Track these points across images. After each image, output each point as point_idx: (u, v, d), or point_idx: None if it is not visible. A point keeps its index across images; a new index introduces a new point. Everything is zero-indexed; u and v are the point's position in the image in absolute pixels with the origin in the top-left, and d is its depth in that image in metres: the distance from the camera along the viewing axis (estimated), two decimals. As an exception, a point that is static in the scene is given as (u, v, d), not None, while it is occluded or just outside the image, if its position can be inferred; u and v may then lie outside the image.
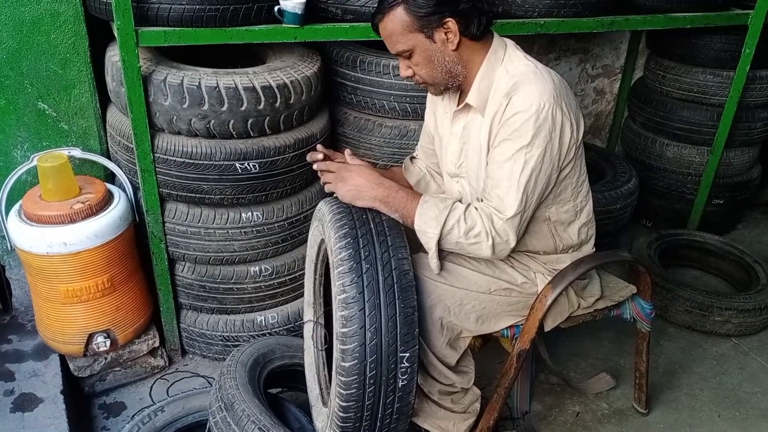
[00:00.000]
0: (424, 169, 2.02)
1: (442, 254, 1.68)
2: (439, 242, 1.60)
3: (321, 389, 1.85)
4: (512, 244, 1.61)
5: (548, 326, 1.84)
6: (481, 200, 1.64)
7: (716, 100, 3.06)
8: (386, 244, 1.53)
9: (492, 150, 1.61)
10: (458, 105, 1.74)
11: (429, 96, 1.90)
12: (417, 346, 1.51)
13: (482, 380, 1.94)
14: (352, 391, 1.47)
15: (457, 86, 1.68)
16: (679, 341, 2.65)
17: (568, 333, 1.99)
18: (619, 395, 2.34)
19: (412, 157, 2.06)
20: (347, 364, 1.46)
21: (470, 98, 1.65)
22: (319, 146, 1.83)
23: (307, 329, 1.95)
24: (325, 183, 1.74)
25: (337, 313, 1.48)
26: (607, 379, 2.34)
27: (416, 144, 2.22)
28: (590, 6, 2.43)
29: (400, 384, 1.51)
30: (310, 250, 1.90)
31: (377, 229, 1.56)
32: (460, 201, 1.66)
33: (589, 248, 1.87)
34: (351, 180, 1.66)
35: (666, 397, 2.35)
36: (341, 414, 1.52)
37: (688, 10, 2.72)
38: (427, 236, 1.60)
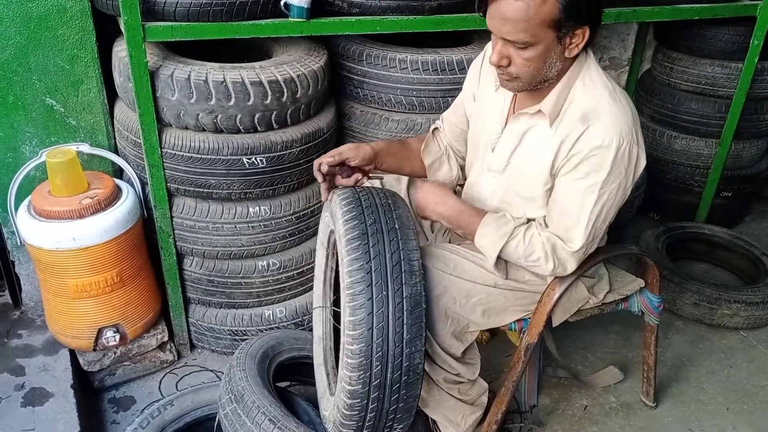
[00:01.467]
0: (443, 148, 1.97)
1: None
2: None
3: (328, 379, 1.86)
4: (570, 271, 1.66)
5: (557, 320, 1.84)
6: (546, 224, 1.65)
7: (724, 92, 3.04)
8: (395, 234, 1.54)
9: (562, 176, 1.58)
10: (515, 104, 1.70)
11: (472, 75, 1.86)
12: (424, 331, 1.52)
13: (490, 374, 1.95)
14: (360, 373, 1.48)
15: (535, 89, 1.60)
16: (687, 334, 2.65)
17: (575, 326, 2.00)
18: (627, 388, 2.34)
19: (435, 128, 1.98)
20: (355, 347, 1.47)
21: (545, 105, 1.58)
22: (325, 162, 1.71)
23: (317, 319, 1.96)
24: None
25: (346, 302, 1.49)
26: (614, 372, 2.34)
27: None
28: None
29: (407, 368, 1.52)
30: (320, 241, 1.91)
31: (386, 221, 1.56)
32: (523, 223, 1.66)
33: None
34: (421, 197, 1.71)
35: (674, 390, 2.35)
36: (347, 400, 1.53)
37: (695, 2, 2.70)
38: (486, 255, 1.68)
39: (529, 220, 1.68)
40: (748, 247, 3.00)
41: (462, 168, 1.99)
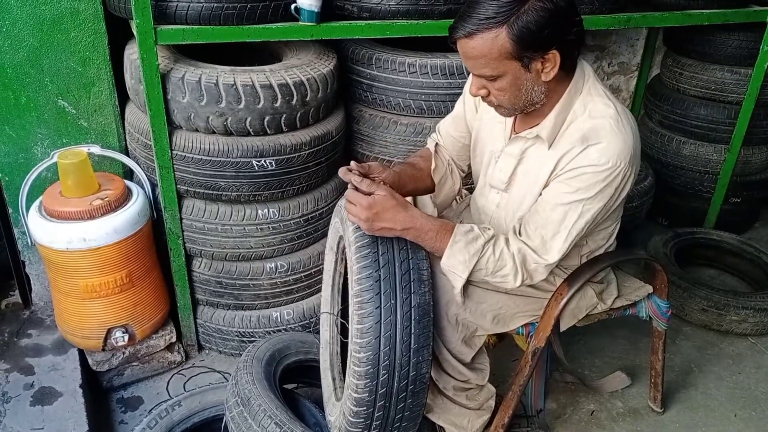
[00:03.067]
0: (446, 163, 1.94)
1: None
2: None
3: (335, 384, 1.86)
4: (537, 281, 1.63)
5: (565, 325, 1.84)
6: (519, 232, 1.60)
7: (734, 97, 3.03)
8: (405, 242, 1.54)
9: (550, 186, 1.56)
10: (516, 123, 1.67)
11: (468, 89, 1.83)
12: (431, 341, 1.52)
13: (497, 378, 1.94)
14: (366, 381, 1.49)
15: (528, 111, 1.58)
16: (696, 340, 2.63)
17: (583, 331, 1.99)
18: (635, 394, 2.33)
19: (437, 145, 1.94)
20: (362, 355, 1.47)
21: (542, 131, 1.57)
22: (353, 164, 1.63)
23: (324, 323, 1.96)
24: (349, 217, 1.56)
25: (354, 310, 1.49)
26: (622, 377, 2.33)
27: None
28: (606, 3, 2.42)
29: (414, 378, 1.52)
30: (329, 246, 1.91)
31: None
32: (491, 237, 1.58)
33: None
34: (376, 219, 1.50)
35: (682, 396, 2.34)
36: (354, 407, 1.53)
37: (705, 7, 2.69)
38: (454, 277, 1.59)
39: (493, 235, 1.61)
40: (757, 253, 2.98)
41: (462, 179, 1.99)
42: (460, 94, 2.19)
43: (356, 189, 1.55)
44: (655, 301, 1.98)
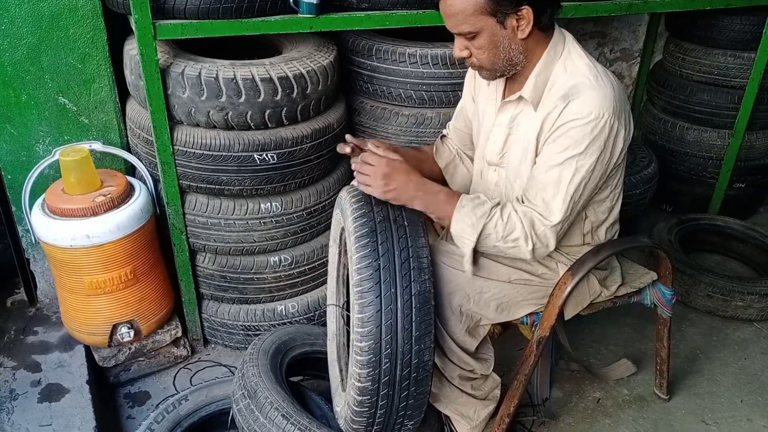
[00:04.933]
0: (454, 151, 2.00)
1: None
2: (475, 246, 1.60)
3: (341, 375, 1.87)
4: (552, 248, 1.62)
5: (569, 314, 1.84)
6: (522, 200, 1.63)
7: (737, 82, 3.01)
8: (404, 231, 1.55)
9: (543, 149, 1.59)
10: (505, 94, 1.71)
11: (468, 79, 1.89)
12: (433, 328, 1.52)
13: (502, 367, 1.94)
14: (369, 370, 1.49)
15: (511, 74, 1.64)
16: (701, 326, 2.63)
17: (588, 319, 1.99)
18: (640, 381, 2.33)
19: (443, 136, 2.03)
20: (364, 344, 1.48)
21: (525, 91, 1.61)
22: (348, 136, 1.77)
23: (330, 315, 1.96)
24: (360, 180, 1.63)
25: (354, 300, 1.50)
26: (627, 365, 2.33)
27: (433, 132, 2.23)
28: (608, -11, 2.41)
29: (417, 365, 1.52)
30: (333, 238, 1.91)
31: (396, 219, 1.57)
32: (497, 203, 1.62)
33: None
34: (389, 180, 1.58)
35: (687, 382, 2.34)
36: (357, 397, 1.54)
37: (707, -9, 2.68)
38: (463, 242, 1.61)
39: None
40: (761, 238, 2.97)
41: None
42: (461, 83, 2.20)
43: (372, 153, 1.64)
44: (659, 288, 1.98)
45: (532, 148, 1.62)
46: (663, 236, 2.86)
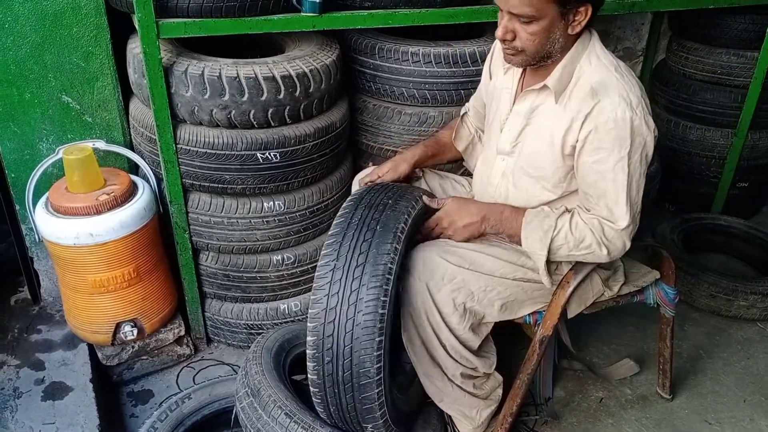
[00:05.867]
0: (473, 131, 2.06)
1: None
2: (549, 257, 1.65)
3: None
4: (628, 247, 1.66)
5: (572, 312, 1.84)
6: (588, 209, 1.66)
7: (740, 81, 3.01)
8: (371, 236, 1.56)
9: (587, 159, 1.59)
10: (523, 84, 1.73)
11: (487, 63, 1.92)
12: (378, 337, 1.50)
13: (504, 366, 1.94)
14: (314, 364, 1.54)
15: (539, 65, 1.64)
16: (704, 326, 2.63)
17: (590, 318, 1.98)
18: (643, 381, 2.33)
19: (464, 114, 2.07)
20: (309, 339, 1.54)
21: (550, 81, 1.62)
22: (360, 177, 1.87)
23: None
24: (438, 234, 1.77)
25: (310, 295, 1.56)
26: (630, 364, 2.33)
27: (435, 131, 2.23)
28: (611, -12, 2.40)
29: (357, 370, 1.52)
30: None
31: (370, 223, 1.60)
32: (562, 212, 1.67)
33: None
34: (460, 221, 1.72)
35: (690, 382, 2.34)
36: (312, 388, 1.60)
37: (711, -10, 2.67)
38: (536, 256, 1.66)
39: (567, 210, 1.69)
40: (765, 237, 2.97)
41: None
42: (464, 82, 2.21)
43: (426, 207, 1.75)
44: (662, 288, 1.98)
45: (557, 145, 1.63)
46: (666, 235, 2.86)
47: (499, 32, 1.56)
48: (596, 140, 1.55)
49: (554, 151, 1.64)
